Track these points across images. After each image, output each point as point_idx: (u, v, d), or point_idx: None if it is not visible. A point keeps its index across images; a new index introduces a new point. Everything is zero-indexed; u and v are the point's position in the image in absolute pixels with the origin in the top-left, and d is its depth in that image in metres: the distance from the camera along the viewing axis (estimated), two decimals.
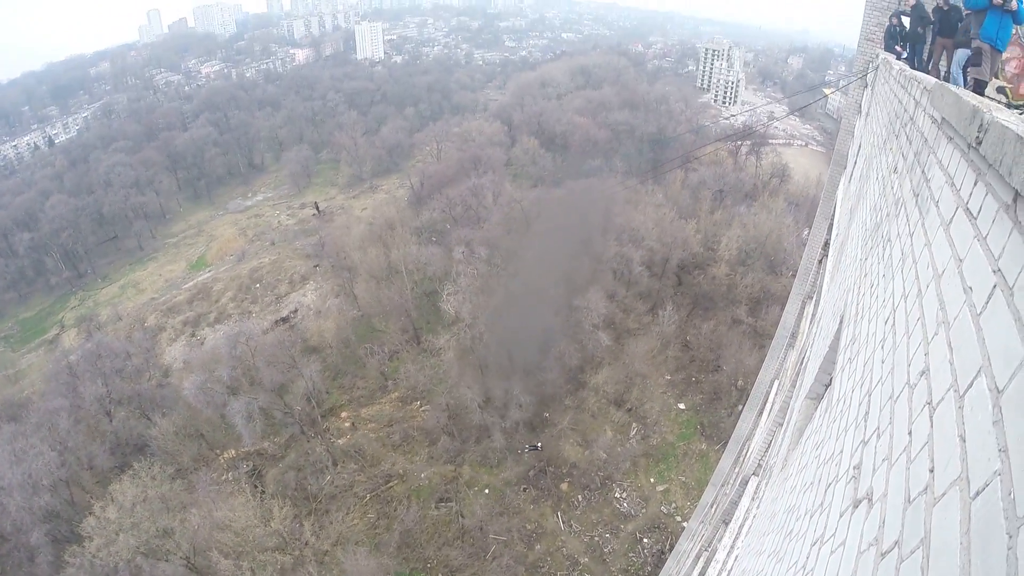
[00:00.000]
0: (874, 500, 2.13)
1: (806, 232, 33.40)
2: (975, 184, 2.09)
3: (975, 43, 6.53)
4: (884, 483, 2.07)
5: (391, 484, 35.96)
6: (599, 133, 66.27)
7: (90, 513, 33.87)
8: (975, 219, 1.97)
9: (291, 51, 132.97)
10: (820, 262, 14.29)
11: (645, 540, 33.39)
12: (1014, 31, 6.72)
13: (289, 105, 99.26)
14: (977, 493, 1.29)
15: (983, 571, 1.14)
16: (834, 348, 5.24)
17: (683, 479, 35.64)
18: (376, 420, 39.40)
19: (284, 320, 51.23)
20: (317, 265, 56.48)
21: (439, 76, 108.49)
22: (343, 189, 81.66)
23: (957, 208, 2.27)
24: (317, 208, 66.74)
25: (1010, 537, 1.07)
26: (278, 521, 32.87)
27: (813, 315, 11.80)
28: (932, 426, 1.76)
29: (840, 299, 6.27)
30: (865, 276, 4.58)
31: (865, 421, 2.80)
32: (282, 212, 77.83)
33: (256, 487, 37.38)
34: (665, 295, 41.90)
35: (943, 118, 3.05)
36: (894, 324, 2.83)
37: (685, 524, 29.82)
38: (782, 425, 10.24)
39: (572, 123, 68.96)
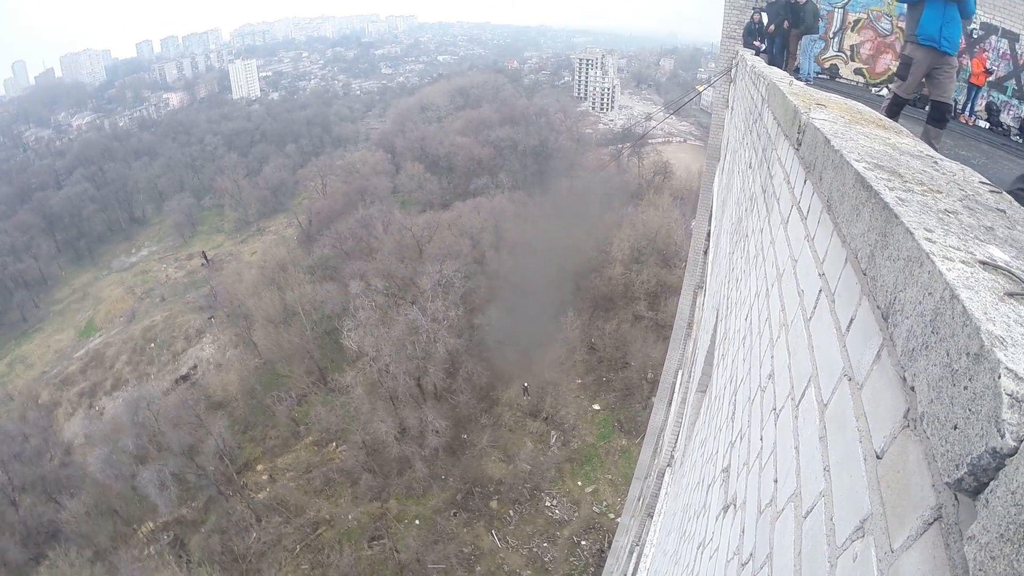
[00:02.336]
0: (738, 506, 2.14)
1: (693, 223, 35.11)
2: (804, 183, 2.06)
3: (907, 47, 5.08)
4: (744, 489, 2.07)
5: (320, 531, 35.17)
6: (482, 151, 67.31)
7: None
8: (806, 219, 1.96)
9: (164, 96, 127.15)
10: (706, 252, 14.21)
11: (583, 542, 34.08)
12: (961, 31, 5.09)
13: (166, 153, 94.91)
14: (807, 513, 1.28)
15: None
16: (713, 341, 5.21)
17: (609, 477, 36.64)
18: (294, 468, 38.40)
19: (184, 378, 49.08)
20: (211, 317, 54.41)
21: (318, 109, 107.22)
22: (230, 235, 78.98)
23: (792, 207, 2.26)
24: (205, 257, 64.31)
25: (831, 566, 1.06)
26: None
27: (703, 305, 11.81)
28: (776, 433, 1.74)
29: (716, 292, 6.29)
30: (732, 270, 4.57)
31: (732, 422, 2.79)
32: (169, 265, 74.30)
33: (181, 557, 35.67)
34: (565, 302, 43.12)
35: (776, 117, 3.13)
36: (751, 323, 2.82)
37: (619, 520, 30.80)
38: (683, 417, 10.43)
39: (455, 144, 69.73)
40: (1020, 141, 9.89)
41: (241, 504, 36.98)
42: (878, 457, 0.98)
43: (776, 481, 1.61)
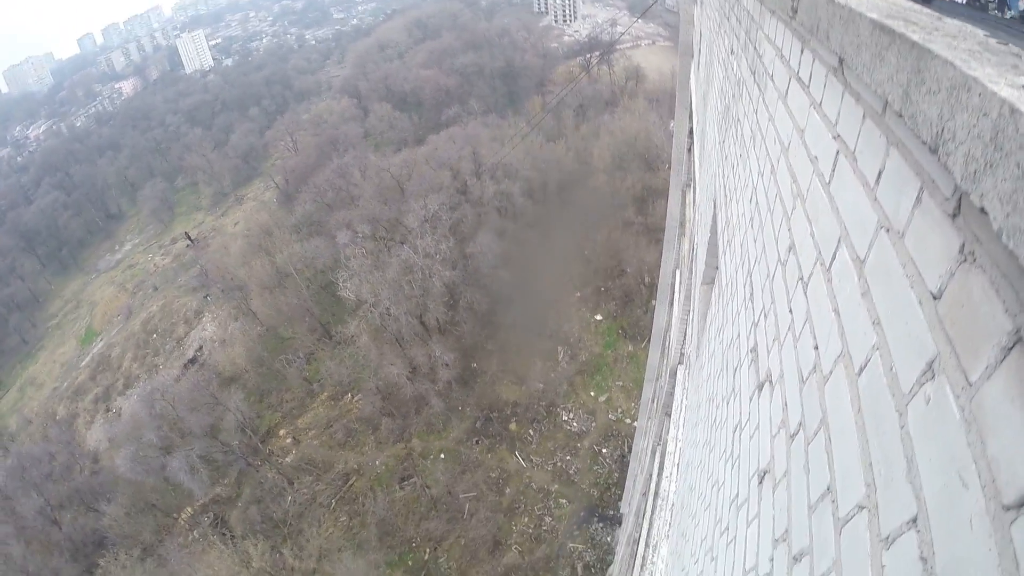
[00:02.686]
0: (774, 382, 2.13)
1: (671, 124, 34.46)
2: (802, 52, 2.06)
3: None
4: (779, 364, 2.06)
5: (351, 482, 35.82)
6: (449, 81, 65.25)
7: None
8: (808, 88, 1.96)
9: (116, 86, 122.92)
10: (689, 150, 14.34)
11: (603, 450, 34.74)
12: None
13: (130, 142, 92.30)
14: (861, 369, 1.26)
15: (880, 452, 1.12)
16: (715, 232, 5.27)
17: (620, 384, 36.99)
18: (315, 426, 38.82)
19: (192, 361, 49.14)
20: (207, 295, 54.04)
21: (275, 67, 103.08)
22: (209, 210, 77.50)
23: (790, 79, 2.26)
24: (189, 238, 63.20)
25: (900, 415, 1.05)
26: (258, 559, 32.42)
27: (694, 201, 11.82)
28: (808, 302, 1.74)
29: (710, 184, 6.36)
30: (726, 159, 4.63)
31: (752, 302, 2.79)
32: (155, 254, 73.25)
33: (224, 535, 36.42)
34: (553, 218, 42.54)
35: None
36: (757, 203, 2.84)
37: (635, 424, 31.22)
38: (690, 313, 10.29)
39: (420, 78, 67.54)
40: (999, 15, 9.10)
41: (271, 471, 37.57)
42: (935, 298, 0.98)
43: (817, 348, 1.60)
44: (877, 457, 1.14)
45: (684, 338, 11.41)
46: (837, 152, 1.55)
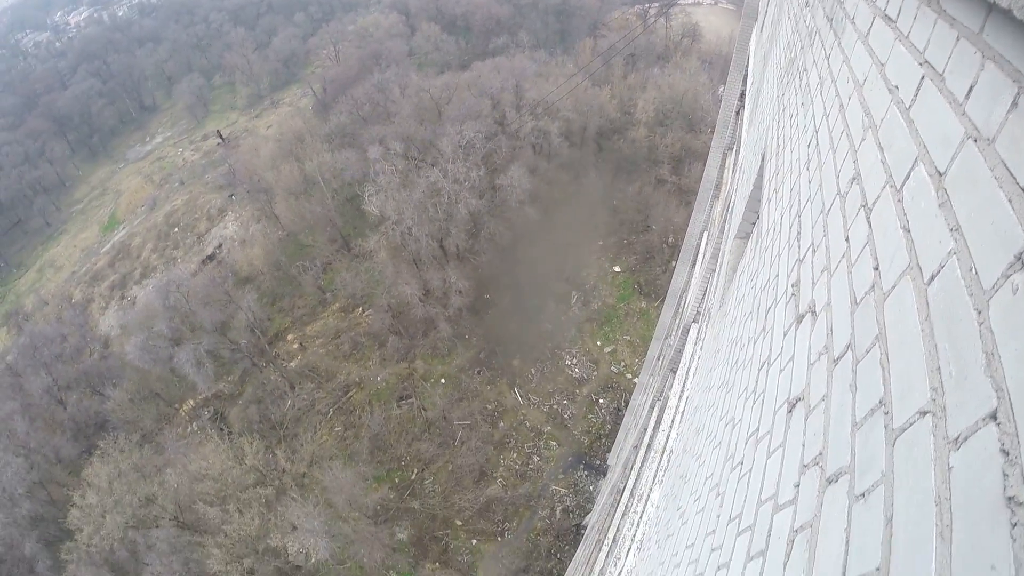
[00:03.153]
0: (818, 311, 2.16)
1: (721, 88, 33.54)
2: None
3: None
4: (826, 293, 2.10)
5: (350, 394, 36.32)
6: (501, 10, 63.13)
7: (72, 505, 33.71)
8: (895, 22, 2.02)
9: None
10: (737, 113, 14.39)
11: (601, 400, 34.90)
12: None
13: (171, 36, 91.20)
14: (932, 277, 1.28)
15: (953, 352, 1.12)
16: (758, 186, 5.34)
17: (628, 338, 36.89)
18: (323, 335, 39.19)
19: (210, 258, 49.54)
20: (232, 195, 54.12)
21: None
22: (244, 111, 76.81)
23: (874, 18, 2.31)
24: (220, 137, 62.84)
25: (979, 312, 1.05)
26: (251, 457, 33.14)
27: (734, 164, 12.02)
28: (871, 226, 1.79)
29: (760, 139, 6.38)
30: (784, 110, 4.69)
31: (798, 241, 2.86)
32: (185, 149, 73.15)
33: (222, 430, 37.35)
34: (587, 163, 41.78)
35: None
36: (817, 144, 2.91)
37: (636, 380, 31.24)
38: (715, 270, 10.51)
39: (472, 3, 65.27)
40: None
41: (274, 374, 38.16)
42: None
43: (877, 268, 1.64)
44: (947, 359, 1.13)
45: (704, 295, 11.58)
46: (922, 77, 1.61)
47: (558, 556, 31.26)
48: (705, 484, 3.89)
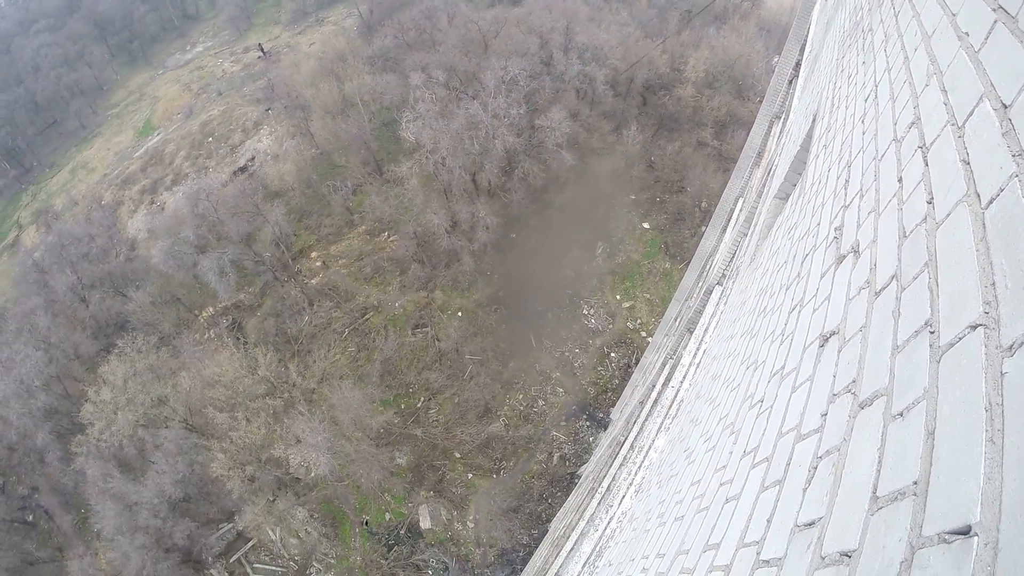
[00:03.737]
0: (861, 250, 2.27)
1: (775, 59, 32.67)
2: None
3: None
4: (872, 232, 2.21)
5: (367, 316, 36.67)
6: None
7: (86, 400, 34.89)
8: None
9: None
10: (790, 82, 14.35)
11: (612, 354, 34.97)
12: None
13: None
14: (991, 201, 1.35)
15: (1010, 267, 1.17)
16: (805, 146, 5.51)
17: (647, 296, 36.71)
18: (346, 255, 39.42)
19: (242, 170, 49.65)
20: (269, 109, 53.90)
21: None
22: (287, 26, 75.79)
23: None
24: (262, 50, 62.44)
25: None
26: (264, 368, 33.85)
27: (780, 131, 12.20)
28: (927, 164, 1.87)
29: (812, 102, 6.59)
30: (842, 71, 4.84)
31: (845, 189, 3.00)
32: (225, 60, 72.57)
33: (238, 339, 38.05)
34: (630, 115, 40.85)
35: None
36: (876, 98, 3.06)
37: (650, 339, 31.19)
38: (747, 233, 10.76)
39: None
40: None
41: (295, 289, 38.59)
42: None
43: (931, 201, 1.71)
44: (1003, 274, 1.19)
45: (732, 258, 11.83)
46: (994, 22, 1.68)
47: (549, 501, 31.82)
48: (718, 425, 3.98)
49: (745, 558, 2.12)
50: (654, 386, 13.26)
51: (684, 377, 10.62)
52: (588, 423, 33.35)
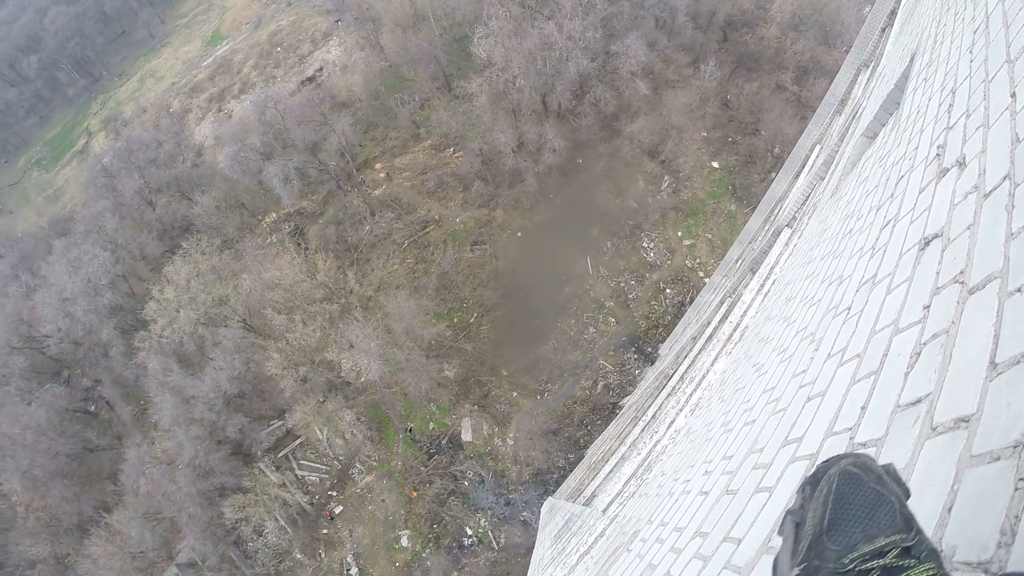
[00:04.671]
0: (967, 161, 2.30)
1: (867, 8, 30.91)
2: None
3: None
4: (981, 143, 2.24)
5: (428, 230, 37.12)
6: None
7: (150, 298, 36.70)
8: None
9: None
10: (883, 30, 13.60)
11: (668, 291, 34.74)
12: None
13: None
14: None
15: None
16: (899, 86, 5.48)
17: (709, 236, 36.14)
18: (410, 169, 39.74)
19: (310, 80, 49.97)
20: (339, 20, 53.75)
21: None
22: None
23: None
24: None
25: None
26: (323, 274, 34.87)
27: (869, 78, 11.88)
28: None
29: (911, 42, 6.48)
30: (947, 9, 4.77)
31: (949, 113, 3.00)
32: None
33: (300, 245, 39.12)
34: (709, 49, 39.49)
35: None
36: (987, 28, 3.02)
37: (707, 280, 30.77)
38: (824, 176, 10.56)
39: None
40: None
41: (358, 199, 39.19)
42: None
43: None
44: None
45: (805, 200, 11.73)
46: None
47: (588, 428, 32.31)
48: (795, 338, 4.08)
49: (835, 445, 2.21)
50: (709, 323, 13.30)
51: (747, 308, 10.77)
52: (636, 356, 33.43)
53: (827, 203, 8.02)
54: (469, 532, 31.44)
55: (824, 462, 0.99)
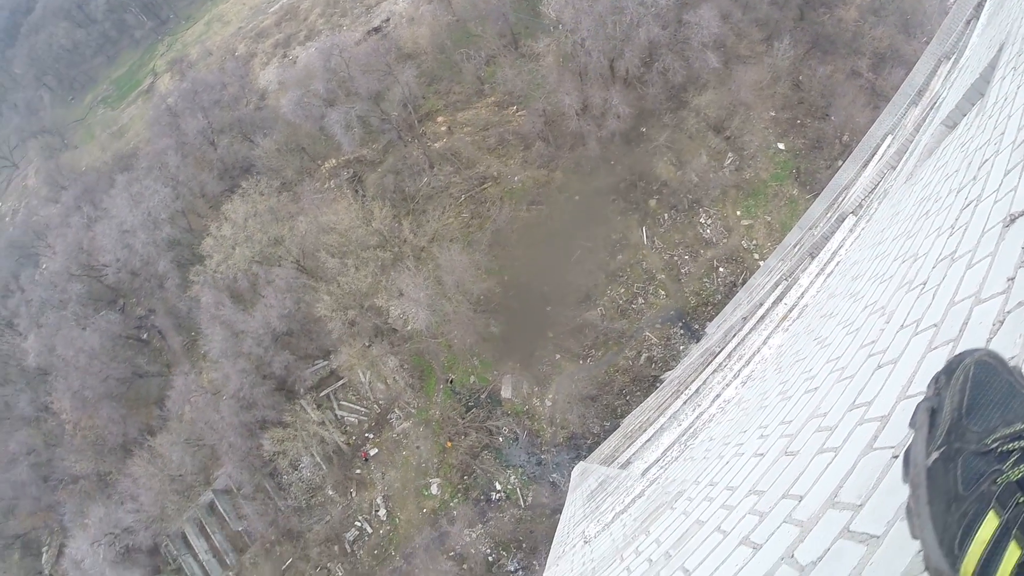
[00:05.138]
0: None
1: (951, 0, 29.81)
2: None
3: None
4: None
5: (485, 186, 37.41)
6: None
7: (207, 234, 37.88)
8: None
9: None
10: (968, 22, 12.98)
11: (721, 269, 34.44)
12: None
13: None
14: None
15: None
16: (984, 77, 5.37)
17: (768, 219, 35.58)
18: (472, 124, 39.95)
19: (376, 30, 50.19)
20: None
21: None
22: None
23: None
24: None
25: None
26: (378, 221, 35.57)
27: (951, 70, 11.59)
28: None
29: (1000, 32, 6.38)
30: None
31: None
32: None
33: (357, 191, 39.77)
34: (784, 27, 38.46)
35: None
36: None
37: (762, 263, 30.45)
38: (895, 167, 10.39)
39: None
40: None
41: (418, 150, 39.61)
42: None
43: None
44: None
45: (874, 188, 11.59)
46: None
47: (627, 398, 32.49)
48: (863, 311, 4.11)
49: (908, 408, 2.22)
50: (761, 304, 13.33)
51: (804, 291, 10.80)
52: (682, 331, 33.36)
53: (900, 188, 8.04)
54: (498, 487, 32.10)
55: (958, 355, 1.03)
